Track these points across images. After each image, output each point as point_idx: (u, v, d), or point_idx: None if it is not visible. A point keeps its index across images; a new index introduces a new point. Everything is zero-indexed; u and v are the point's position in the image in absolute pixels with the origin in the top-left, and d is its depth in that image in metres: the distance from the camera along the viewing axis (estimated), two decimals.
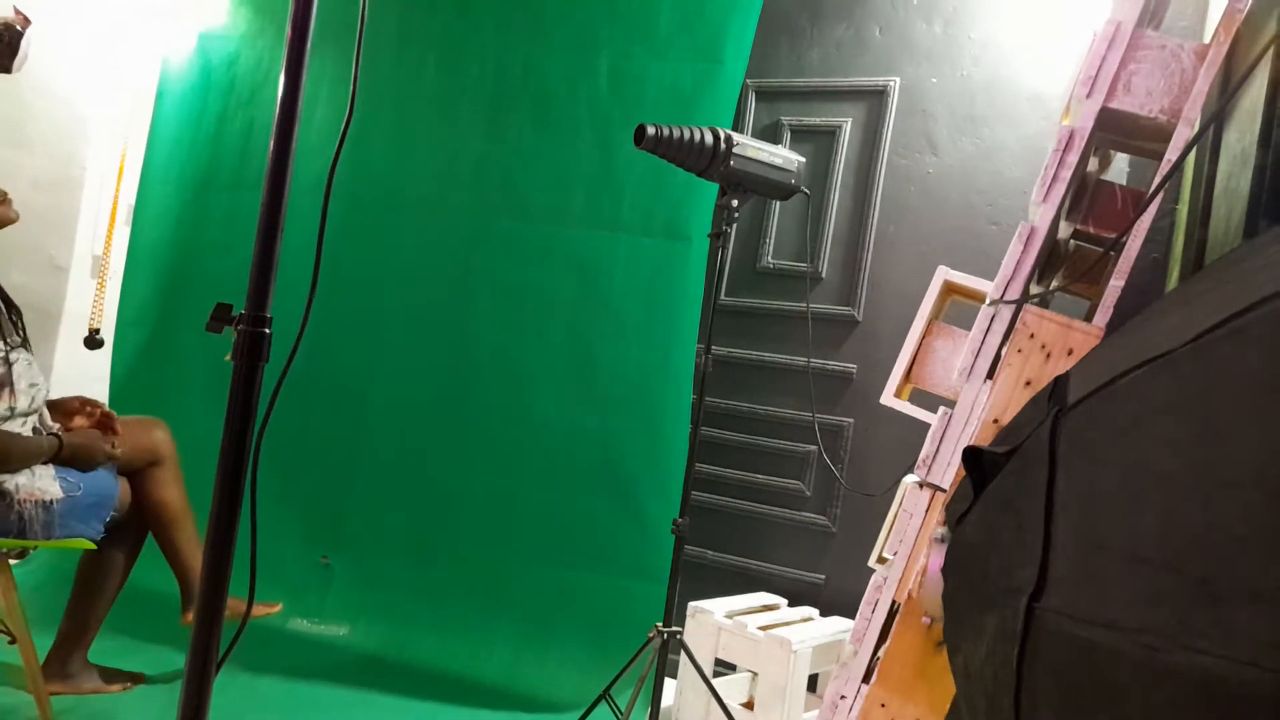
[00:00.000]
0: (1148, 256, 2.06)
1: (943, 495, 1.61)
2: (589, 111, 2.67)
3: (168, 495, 2.21)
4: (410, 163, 2.88)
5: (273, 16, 3.12)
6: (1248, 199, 1.28)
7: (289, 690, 2.38)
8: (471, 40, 2.83)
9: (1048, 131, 2.44)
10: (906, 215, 2.66)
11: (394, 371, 2.84)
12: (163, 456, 2.22)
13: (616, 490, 2.56)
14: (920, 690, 1.54)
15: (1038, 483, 0.70)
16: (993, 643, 0.70)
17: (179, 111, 3.18)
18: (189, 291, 3.08)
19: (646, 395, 2.54)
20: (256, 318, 1.07)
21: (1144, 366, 0.63)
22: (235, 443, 1.06)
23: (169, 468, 2.23)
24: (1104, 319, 1.53)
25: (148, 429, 2.24)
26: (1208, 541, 0.52)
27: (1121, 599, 0.56)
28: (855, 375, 2.68)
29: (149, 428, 2.24)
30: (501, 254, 2.74)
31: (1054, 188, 1.59)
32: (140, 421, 2.25)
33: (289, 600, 2.72)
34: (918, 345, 1.85)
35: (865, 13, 2.75)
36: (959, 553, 0.87)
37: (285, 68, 1.08)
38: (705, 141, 1.88)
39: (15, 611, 1.95)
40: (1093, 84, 1.58)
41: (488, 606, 2.66)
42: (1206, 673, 0.49)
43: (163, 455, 2.22)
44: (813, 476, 2.70)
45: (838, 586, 2.63)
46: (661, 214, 2.57)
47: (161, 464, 2.22)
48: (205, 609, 1.06)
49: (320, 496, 2.89)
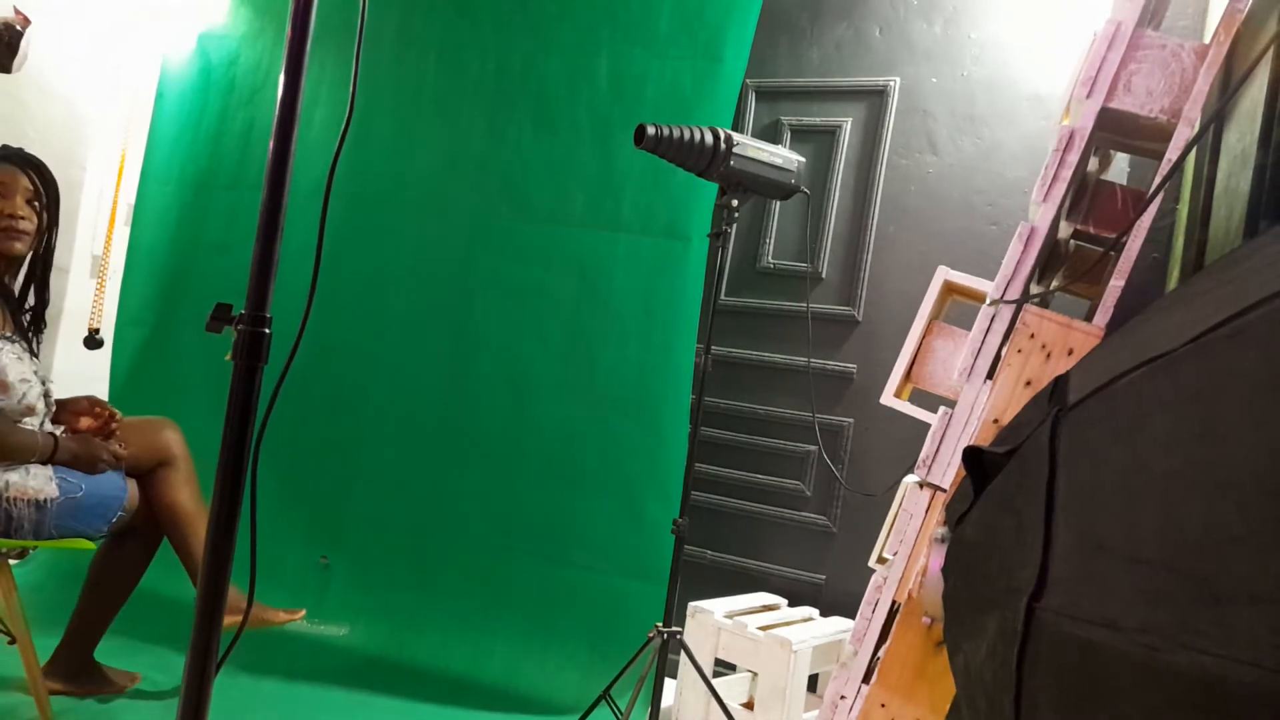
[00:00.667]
0: (1148, 256, 2.06)
1: (943, 495, 1.61)
2: (589, 111, 2.67)
3: (179, 497, 2.18)
4: (410, 163, 2.88)
5: (273, 16, 3.12)
6: (1248, 199, 1.28)
7: (288, 691, 2.38)
8: (471, 40, 2.83)
9: (1048, 131, 2.44)
10: (906, 215, 2.66)
11: (394, 371, 2.84)
12: (173, 457, 2.20)
13: (616, 490, 2.56)
14: (920, 690, 1.54)
15: (1038, 483, 0.70)
16: (993, 643, 0.70)
17: (179, 111, 3.18)
18: (189, 291, 3.08)
19: (646, 395, 2.54)
20: (256, 318, 1.07)
21: (1144, 366, 0.63)
22: (235, 443, 1.06)
23: (180, 469, 2.20)
24: (1104, 319, 1.53)
25: (157, 430, 2.21)
26: (1208, 541, 0.52)
27: (1122, 599, 0.56)
28: (855, 375, 2.68)
29: (158, 428, 2.22)
30: (501, 254, 2.74)
31: (1054, 188, 1.59)
32: (150, 422, 2.23)
33: (289, 600, 2.72)
34: (918, 345, 1.85)
35: (865, 13, 2.75)
36: (959, 553, 0.87)
37: (285, 68, 1.08)
38: (705, 141, 1.88)
39: (15, 611, 1.95)
40: (1093, 84, 1.58)
41: (488, 606, 2.66)
42: (1206, 673, 0.49)
43: (173, 456, 2.20)
44: (813, 476, 2.70)
45: (838, 586, 2.63)
46: (661, 214, 2.57)
47: (172, 465, 2.19)
48: (205, 609, 1.06)
49: (320, 496, 2.89)
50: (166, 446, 2.20)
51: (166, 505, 2.17)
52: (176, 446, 2.22)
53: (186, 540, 2.17)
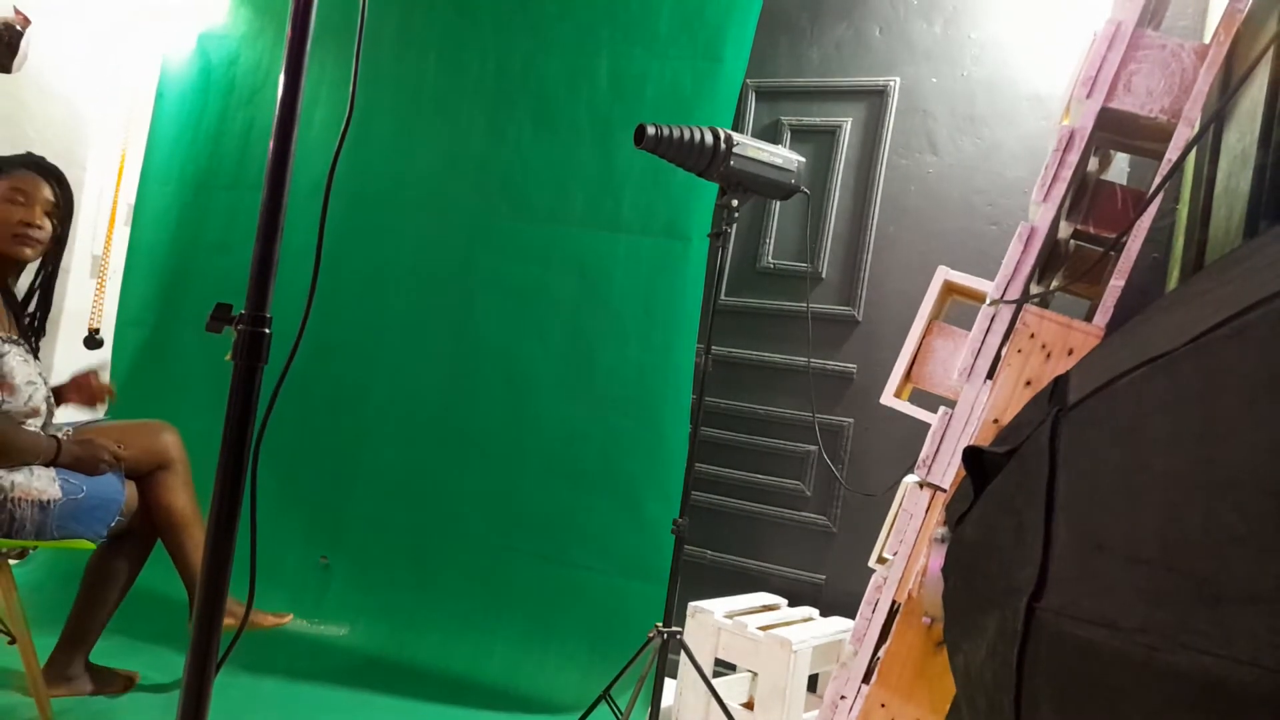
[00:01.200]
0: (1148, 256, 2.06)
1: (943, 495, 1.61)
2: (589, 111, 2.67)
3: (176, 501, 2.18)
4: (410, 162, 2.88)
5: (273, 16, 3.12)
6: (1248, 199, 1.28)
7: (288, 691, 2.38)
8: (471, 40, 2.83)
9: (1048, 131, 2.44)
10: (906, 215, 2.66)
11: (394, 371, 2.84)
12: (171, 461, 2.19)
13: (616, 490, 2.56)
14: (920, 690, 1.54)
15: (1038, 483, 0.70)
16: (993, 643, 0.70)
17: (179, 111, 3.18)
18: (189, 291, 3.08)
19: (646, 395, 2.54)
20: (256, 318, 1.07)
21: (1144, 366, 0.63)
22: (235, 443, 1.06)
23: (178, 473, 2.20)
24: (1104, 319, 1.53)
25: (155, 433, 2.21)
26: (1208, 541, 0.52)
27: (1121, 599, 0.56)
28: (855, 375, 2.68)
29: (157, 432, 2.22)
30: (501, 254, 2.74)
31: (1054, 187, 1.59)
32: (148, 425, 2.22)
33: (289, 600, 2.72)
34: (918, 345, 1.85)
35: (865, 13, 2.75)
36: (959, 553, 0.87)
37: (285, 68, 1.08)
38: (705, 141, 1.88)
39: (15, 611, 1.95)
40: (1093, 84, 1.58)
41: (488, 606, 2.66)
42: (1206, 673, 0.49)
43: (171, 459, 2.20)
44: (813, 476, 2.70)
45: (838, 586, 2.63)
46: (661, 214, 2.57)
47: (169, 468, 2.19)
48: (205, 610, 1.06)
49: (320, 496, 2.89)
50: (165, 450, 2.19)
51: (163, 508, 2.17)
52: (174, 450, 2.21)
53: (183, 545, 2.17)
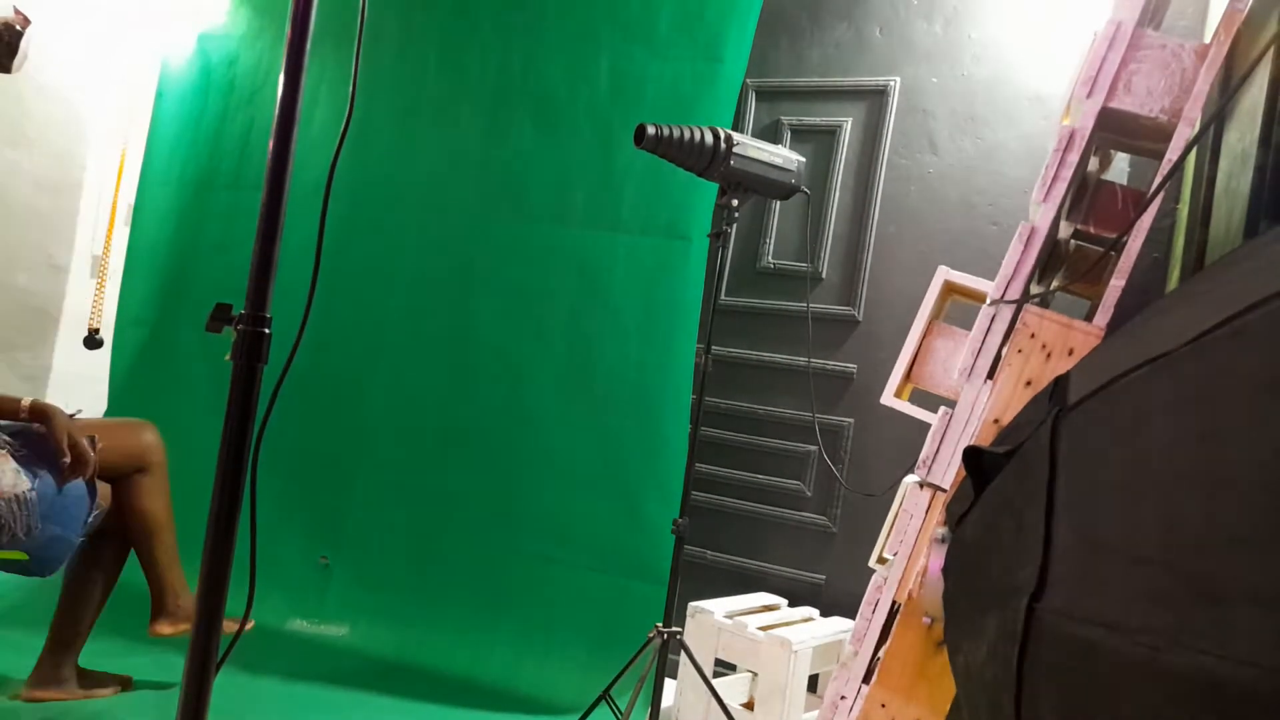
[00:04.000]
0: (1148, 256, 2.05)
1: (943, 495, 1.61)
2: (589, 111, 2.67)
3: (151, 505, 2.10)
4: (410, 162, 2.88)
5: (273, 16, 3.12)
6: (1248, 199, 1.28)
7: (288, 691, 2.38)
8: (471, 40, 2.83)
9: (1048, 131, 2.44)
10: (906, 215, 2.66)
11: (394, 371, 2.84)
12: (150, 463, 2.11)
13: (616, 490, 2.55)
14: (920, 690, 1.54)
15: (1038, 483, 0.70)
16: (993, 643, 0.70)
17: (179, 112, 3.18)
18: (189, 291, 3.07)
19: (646, 395, 2.54)
20: (256, 318, 1.07)
21: (1144, 366, 0.63)
22: (235, 443, 1.06)
23: (156, 476, 2.12)
24: (1104, 319, 1.53)
25: (136, 432, 2.12)
26: (1208, 541, 0.52)
27: (1122, 599, 0.56)
28: (855, 375, 2.68)
29: (137, 431, 2.13)
30: (501, 254, 2.74)
31: (1054, 187, 1.59)
32: (128, 424, 2.14)
33: (289, 600, 2.72)
34: (918, 345, 1.85)
35: (865, 13, 2.75)
36: (959, 553, 0.87)
37: (285, 68, 1.08)
38: (705, 141, 1.88)
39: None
40: (1093, 84, 1.58)
41: (488, 607, 2.66)
42: (1206, 673, 0.48)
43: (150, 462, 2.11)
44: (813, 476, 2.70)
45: (838, 586, 2.63)
46: (661, 214, 2.57)
47: (148, 471, 2.11)
48: (205, 609, 1.06)
49: (320, 496, 2.89)
50: (145, 451, 2.11)
51: (139, 512, 2.10)
52: (155, 452, 2.13)
53: (153, 549, 2.11)
